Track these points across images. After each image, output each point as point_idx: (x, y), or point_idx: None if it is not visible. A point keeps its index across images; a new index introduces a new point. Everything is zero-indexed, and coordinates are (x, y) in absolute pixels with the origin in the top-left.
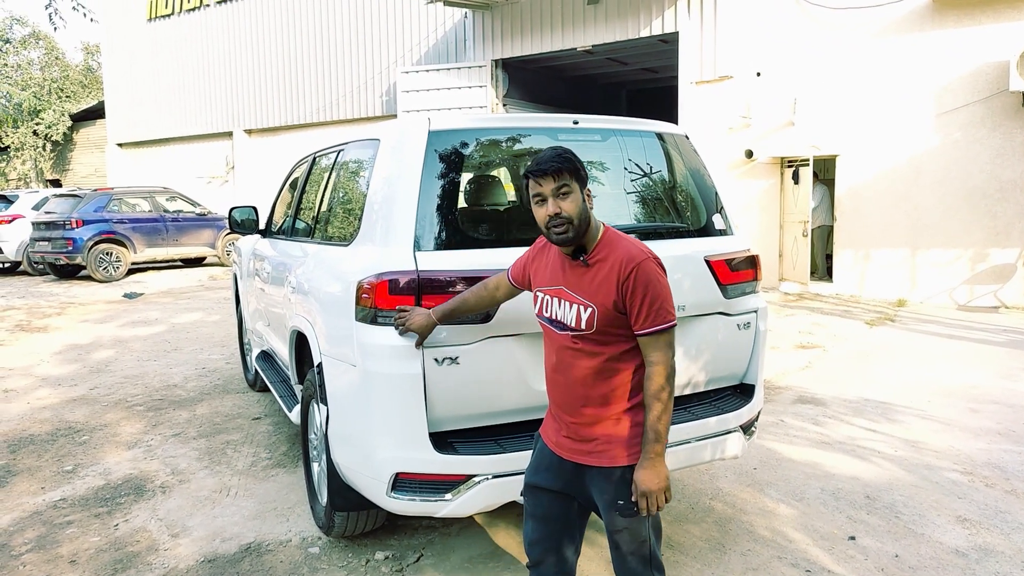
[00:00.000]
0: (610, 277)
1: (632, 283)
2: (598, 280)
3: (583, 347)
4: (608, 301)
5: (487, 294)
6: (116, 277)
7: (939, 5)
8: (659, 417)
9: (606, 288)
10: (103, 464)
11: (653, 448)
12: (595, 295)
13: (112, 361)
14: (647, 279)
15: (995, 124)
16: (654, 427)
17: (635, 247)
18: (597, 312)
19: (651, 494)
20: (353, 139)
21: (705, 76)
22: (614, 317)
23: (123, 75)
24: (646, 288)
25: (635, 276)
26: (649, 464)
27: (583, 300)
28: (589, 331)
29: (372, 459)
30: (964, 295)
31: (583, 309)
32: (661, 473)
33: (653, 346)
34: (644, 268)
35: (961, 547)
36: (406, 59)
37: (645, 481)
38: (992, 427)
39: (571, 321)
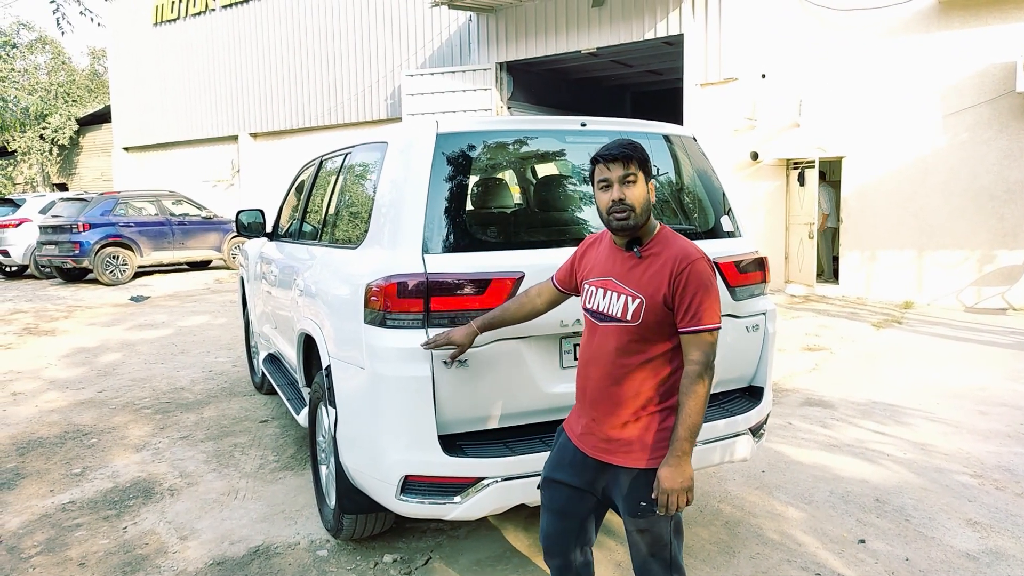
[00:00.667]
0: (663, 271)
1: (685, 279)
2: (650, 273)
3: (625, 341)
4: (658, 295)
5: (528, 301)
6: (123, 280)
7: (945, 6)
8: (691, 416)
9: (657, 281)
10: (111, 467)
11: (681, 446)
12: (646, 287)
13: (119, 364)
14: (699, 278)
15: (1002, 125)
16: (685, 425)
17: (691, 246)
18: (646, 304)
19: (672, 492)
20: (360, 142)
21: (710, 78)
22: (661, 312)
23: (129, 79)
24: (698, 287)
25: (688, 273)
26: (675, 462)
27: (632, 291)
28: (635, 323)
29: (381, 462)
30: (971, 297)
31: (631, 300)
32: (685, 473)
33: (695, 345)
34: (698, 267)
35: (972, 550)
36: (411, 62)
37: (668, 479)
38: (1001, 429)
39: (617, 312)
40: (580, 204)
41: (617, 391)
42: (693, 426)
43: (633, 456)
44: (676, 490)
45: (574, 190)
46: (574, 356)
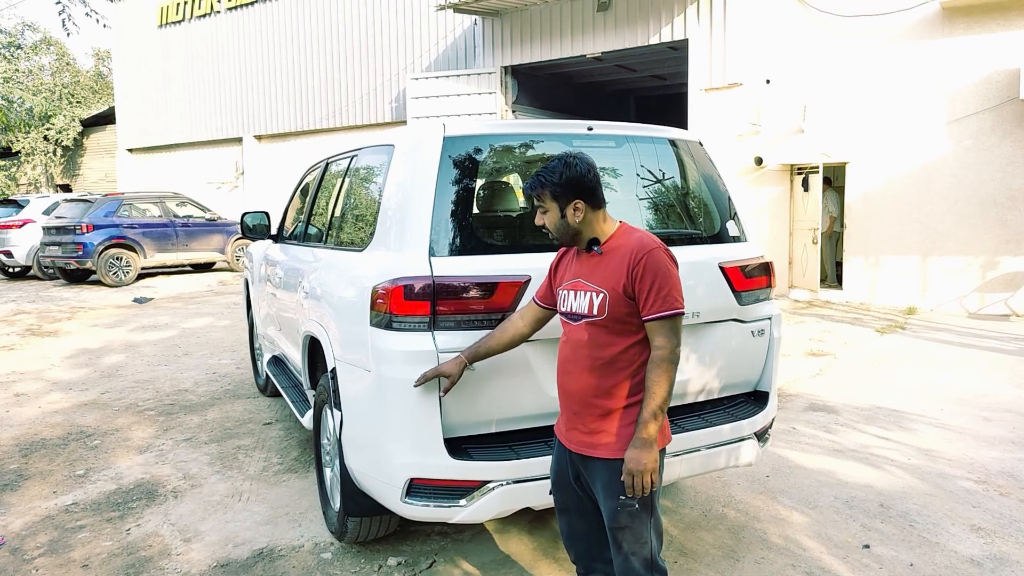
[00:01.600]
0: (622, 263)
1: (642, 269)
2: (611, 267)
3: (594, 336)
4: (619, 286)
5: (511, 326)
6: (126, 282)
7: (949, 13)
8: (654, 398)
9: (617, 274)
10: (115, 468)
11: (644, 429)
12: (606, 280)
13: (123, 365)
14: (656, 266)
15: (1006, 132)
16: (649, 408)
17: (647, 237)
18: (608, 297)
19: (637, 473)
20: (367, 145)
21: (715, 83)
22: (624, 302)
23: (134, 81)
24: (655, 274)
25: (644, 262)
26: (639, 444)
27: (595, 287)
28: (600, 317)
29: (386, 464)
30: (975, 303)
31: (595, 295)
32: (651, 454)
33: (658, 331)
34: (653, 255)
35: (976, 556)
36: (416, 65)
37: (632, 460)
38: (1005, 435)
39: (584, 308)
40: None
41: (593, 385)
42: (656, 408)
43: (611, 448)
44: (641, 471)
45: None
46: None
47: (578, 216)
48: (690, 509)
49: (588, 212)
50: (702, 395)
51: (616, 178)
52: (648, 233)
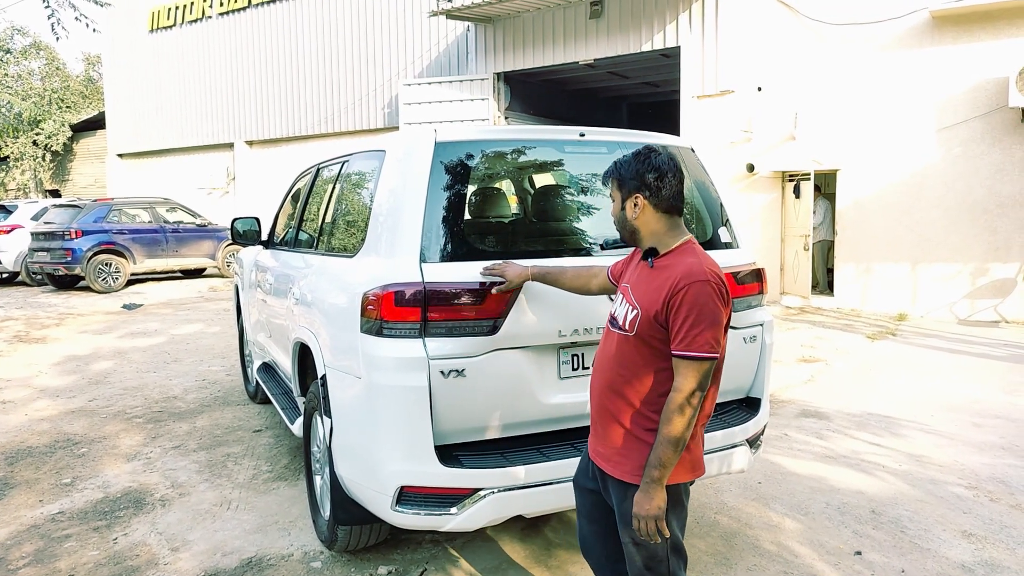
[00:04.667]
0: (663, 286)
1: (680, 299)
2: (654, 286)
3: (621, 350)
4: (651, 309)
5: (584, 275)
6: (115, 288)
7: (938, 22)
8: (661, 445)
9: (655, 296)
10: (102, 477)
11: (649, 473)
12: (644, 298)
13: (111, 372)
14: (695, 300)
15: (995, 140)
16: (655, 453)
17: (700, 265)
18: (640, 316)
19: (641, 519)
20: (358, 150)
21: (707, 90)
22: (654, 327)
23: (124, 86)
24: (692, 309)
25: (684, 293)
26: (644, 488)
27: (634, 301)
28: (630, 333)
29: (377, 472)
30: (965, 309)
31: (631, 310)
32: (654, 501)
33: (680, 371)
34: (696, 288)
35: (967, 562)
36: (408, 71)
37: (637, 504)
38: (996, 442)
39: (620, 318)
40: (578, 214)
41: (613, 400)
42: (664, 456)
43: (622, 468)
44: (644, 517)
45: (572, 200)
46: (572, 366)
47: (636, 212)
48: None
49: (648, 211)
50: None
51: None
52: (707, 261)
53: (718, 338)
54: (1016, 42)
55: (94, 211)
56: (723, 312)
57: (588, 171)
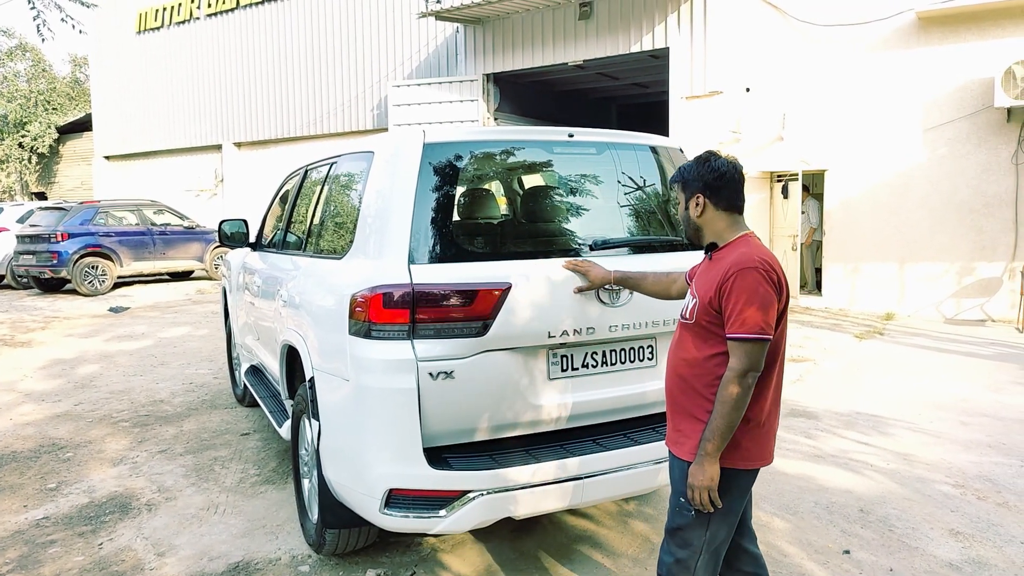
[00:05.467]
0: (718, 275)
1: (730, 286)
2: (711, 275)
3: (684, 337)
4: (707, 296)
5: (665, 281)
6: (102, 291)
7: (925, 23)
8: (716, 418)
9: (711, 284)
10: (87, 481)
11: (703, 446)
12: (702, 287)
13: (97, 376)
14: (744, 285)
15: (980, 139)
16: (711, 426)
17: (751, 254)
18: (699, 305)
19: (694, 488)
20: (346, 151)
21: (695, 91)
22: (710, 313)
23: (111, 87)
24: (741, 293)
25: (735, 279)
26: (699, 460)
27: (694, 292)
28: (691, 321)
29: (365, 475)
30: (951, 308)
31: (692, 299)
32: (706, 472)
33: (735, 352)
34: (745, 275)
35: (955, 560)
36: (397, 73)
37: (691, 475)
38: (982, 440)
39: (684, 310)
40: (567, 215)
41: (678, 384)
42: (717, 428)
43: (684, 448)
44: (696, 487)
45: (562, 201)
46: (561, 367)
47: (698, 211)
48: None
49: (710, 209)
50: None
51: (597, 185)
52: (759, 251)
53: (769, 320)
54: (1001, 43)
55: (80, 213)
56: (773, 296)
57: (577, 172)
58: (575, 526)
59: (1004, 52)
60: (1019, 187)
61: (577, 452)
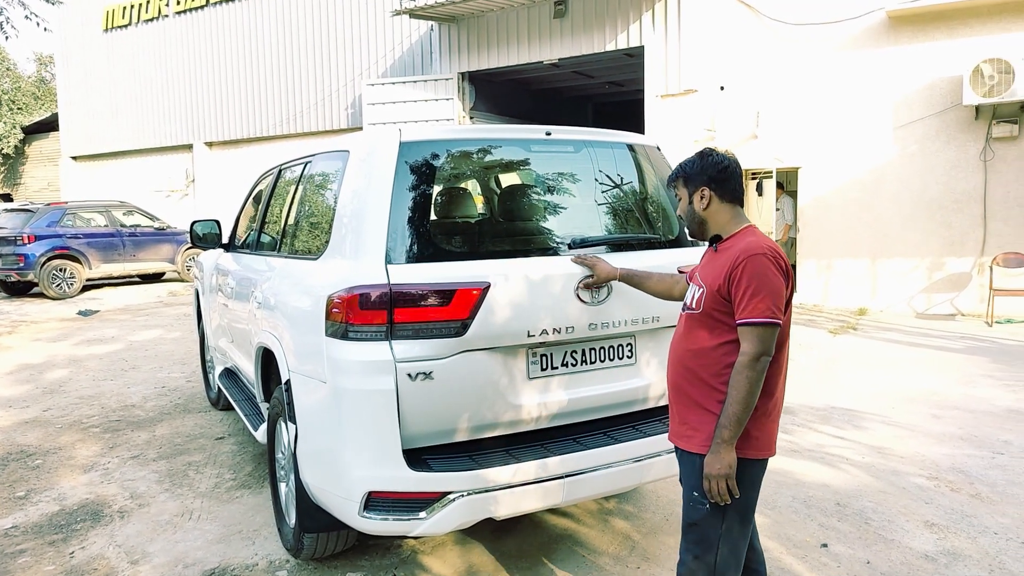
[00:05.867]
0: (725, 264)
1: (740, 272)
2: (717, 265)
3: (690, 328)
4: (715, 285)
5: (668, 281)
6: (70, 294)
7: (895, 22)
8: (731, 404)
9: (718, 273)
10: (57, 489)
11: (720, 433)
12: (708, 277)
13: (66, 381)
14: (754, 271)
15: (949, 137)
16: (726, 413)
17: (758, 242)
18: (706, 293)
19: (711, 478)
20: (321, 151)
21: (670, 90)
22: (719, 302)
23: (78, 86)
24: (752, 279)
25: (744, 266)
26: (715, 448)
27: (700, 281)
28: (697, 310)
29: (343, 478)
30: (922, 303)
31: (698, 289)
32: (723, 460)
33: (745, 337)
34: (754, 261)
35: (930, 552)
36: (371, 71)
37: (707, 464)
38: (955, 432)
39: (689, 300)
40: (545, 213)
41: (685, 376)
42: (733, 414)
43: (695, 441)
44: (714, 476)
45: (539, 199)
46: (540, 366)
47: (703, 204)
48: (652, 513)
49: (715, 202)
50: (663, 399)
51: (575, 183)
52: (765, 239)
53: (779, 304)
54: (970, 41)
55: (47, 215)
56: (781, 282)
57: (555, 170)
58: (556, 525)
59: (972, 51)
60: (987, 183)
61: (558, 451)
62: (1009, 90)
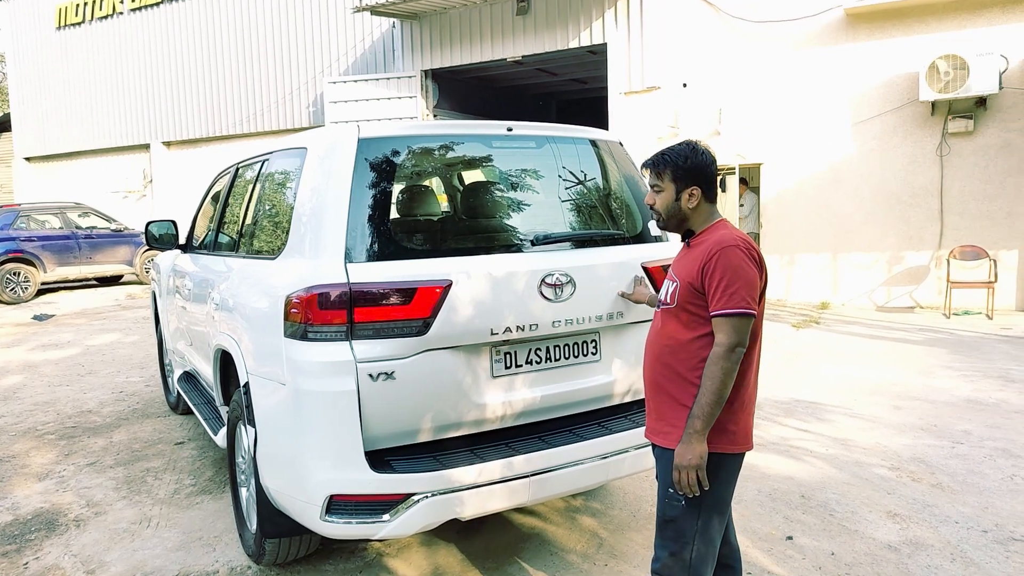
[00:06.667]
0: (699, 257)
1: (713, 264)
2: (690, 259)
3: (665, 323)
4: (689, 278)
5: None
6: (25, 298)
7: (853, 19)
8: (704, 394)
9: (692, 266)
10: (10, 498)
11: (691, 424)
12: (682, 271)
13: (20, 388)
14: (728, 263)
15: (907, 133)
16: (699, 403)
17: (730, 234)
18: (680, 287)
19: (682, 469)
20: (278, 148)
21: (633, 87)
22: (692, 295)
23: (31, 85)
24: (725, 271)
25: (717, 258)
26: (686, 439)
27: (673, 276)
28: (672, 305)
29: (305, 482)
30: (882, 296)
31: (672, 284)
32: (694, 451)
33: (720, 328)
34: (727, 252)
35: (893, 542)
36: (333, 69)
37: (678, 455)
38: (915, 423)
39: (664, 296)
40: (508, 210)
41: (661, 371)
42: (706, 404)
43: (672, 437)
44: (685, 467)
45: (501, 196)
46: (505, 365)
47: (692, 203)
48: (619, 510)
49: (702, 202)
50: (628, 396)
51: (538, 179)
52: (736, 232)
53: (752, 295)
54: (925, 38)
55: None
56: (755, 273)
57: (516, 166)
58: (523, 524)
59: (928, 47)
60: (944, 178)
61: (523, 450)
62: (964, 86)
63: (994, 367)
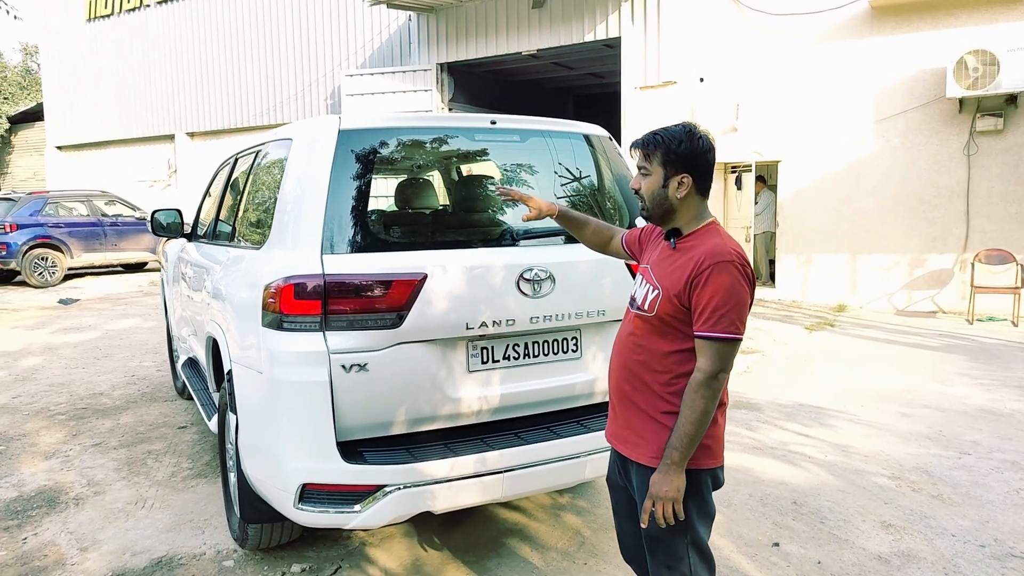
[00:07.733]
0: (686, 266)
1: (704, 279)
2: (676, 266)
3: (639, 330)
4: (673, 290)
5: (606, 233)
6: (52, 283)
7: (878, 12)
8: (683, 425)
9: (678, 276)
10: (17, 475)
11: (670, 455)
12: (665, 278)
13: (39, 369)
14: (720, 280)
15: (932, 130)
16: (677, 433)
17: (724, 246)
18: (661, 297)
19: (657, 499)
20: (271, 139)
21: (649, 81)
22: (675, 308)
23: (62, 76)
24: (716, 289)
25: (709, 273)
26: (663, 469)
27: (655, 282)
28: (650, 314)
29: (279, 470)
30: (903, 300)
31: (651, 290)
32: (673, 483)
33: (704, 351)
34: (722, 269)
35: (884, 553)
36: (350, 62)
37: (654, 484)
38: (922, 431)
39: (640, 299)
40: (488, 203)
41: (631, 381)
42: (686, 435)
43: (641, 451)
44: (660, 498)
45: (483, 189)
46: (481, 359)
47: (680, 192)
48: (605, 509)
49: (692, 194)
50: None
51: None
52: (731, 242)
53: (743, 318)
54: (954, 32)
55: (29, 204)
56: (748, 293)
57: (500, 160)
58: (506, 519)
59: (957, 42)
60: (971, 178)
61: (497, 446)
62: (994, 82)
63: (1014, 376)
